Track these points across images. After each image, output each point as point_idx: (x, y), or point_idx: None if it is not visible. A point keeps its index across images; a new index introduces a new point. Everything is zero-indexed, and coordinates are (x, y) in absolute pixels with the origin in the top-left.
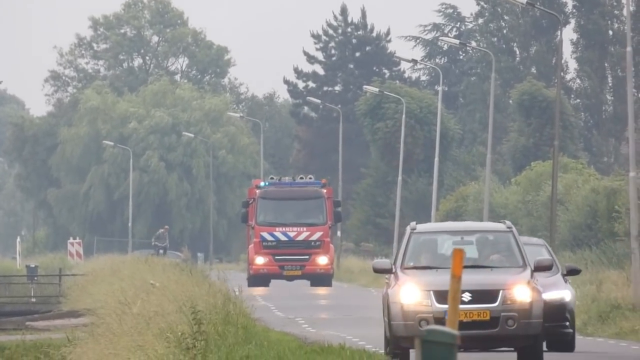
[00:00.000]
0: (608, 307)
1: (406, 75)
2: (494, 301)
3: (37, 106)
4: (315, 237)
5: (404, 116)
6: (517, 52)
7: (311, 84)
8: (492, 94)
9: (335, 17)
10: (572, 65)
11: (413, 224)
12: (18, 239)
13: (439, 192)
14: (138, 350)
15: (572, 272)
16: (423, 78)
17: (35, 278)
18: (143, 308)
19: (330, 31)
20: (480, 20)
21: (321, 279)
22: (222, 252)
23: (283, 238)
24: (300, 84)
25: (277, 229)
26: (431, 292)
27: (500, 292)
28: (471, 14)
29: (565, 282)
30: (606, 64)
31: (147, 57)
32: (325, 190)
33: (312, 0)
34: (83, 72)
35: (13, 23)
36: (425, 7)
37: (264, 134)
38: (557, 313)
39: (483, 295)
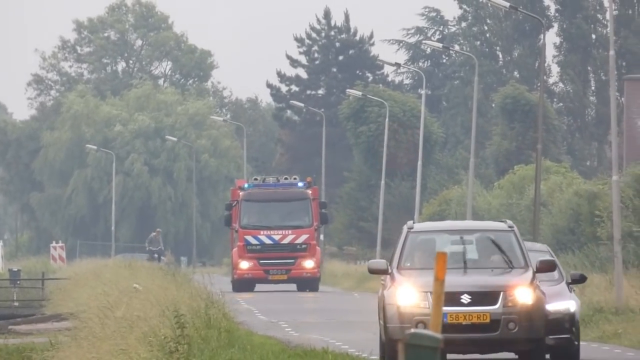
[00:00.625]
0: (591, 310)
1: (389, 78)
2: (495, 303)
3: (19, 110)
4: (300, 240)
5: (387, 120)
6: (500, 56)
7: (294, 88)
8: (475, 98)
9: (318, 21)
10: (555, 69)
11: (410, 222)
12: (0, 243)
13: (422, 195)
14: (121, 354)
15: (577, 280)
16: (406, 82)
17: (18, 282)
18: (126, 312)
19: (314, 35)
20: (463, 24)
21: (308, 283)
22: (205, 255)
23: (268, 241)
24: (284, 88)
25: (261, 232)
26: (429, 294)
27: (501, 293)
28: (454, 18)
29: (570, 291)
30: (589, 68)
31: (131, 61)
32: (310, 191)
33: (295, 3)
34: (66, 75)
35: None
36: (408, 11)
37: (247, 137)
38: (562, 324)
39: (483, 297)
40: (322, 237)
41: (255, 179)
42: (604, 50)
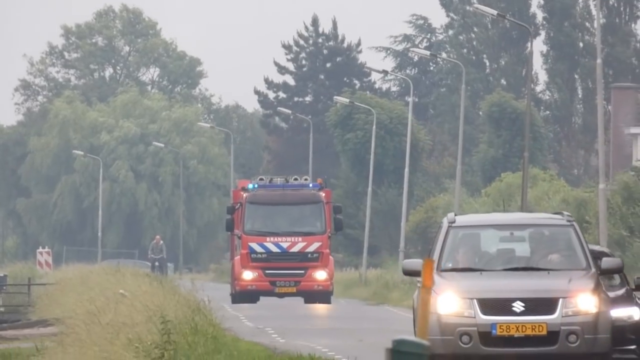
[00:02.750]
0: None
1: (377, 86)
2: (553, 312)
3: (6, 115)
4: (312, 248)
5: (374, 127)
6: (487, 64)
7: (282, 95)
8: (462, 105)
9: (306, 28)
10: (542, 77)
11: (451, 215)
12: None
13: (409, 203)
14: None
15: None
16: (393, 89)
17: (4, 287)
18: (112, 318)
19: (301, 42)
20: (451, 32)
21: (319, 296)
22: (192, 262)
23: (275, 249)
24: (271, 95)
25: (267, 238)
26: (475, 301)
27: (560, 300)
28: (441, 26)
29: (633, 298)
30: (576, 76)
31: (118, 67)
32: (323, 194)
33: (283, 11)
34: (54, 81)
35: None
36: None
37: (235, 144)
38: (624, 334)
39: (539, 305)
40: None
41: (261, 179)
42: (591, 58)
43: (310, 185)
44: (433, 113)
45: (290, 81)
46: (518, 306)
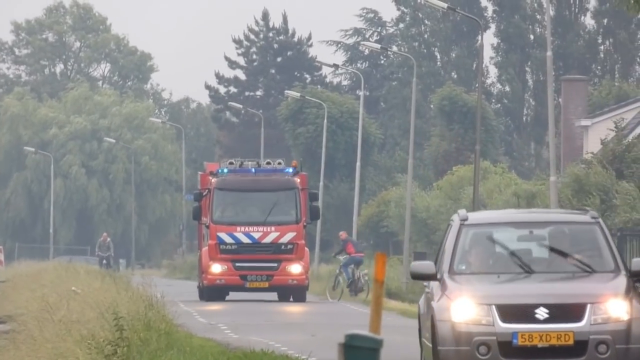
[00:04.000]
0: None
1: (327, 80)
2: (580, 319)
3: None
4: (286, 239)
5: (325, 121)
6: (438, 57)
7: (233, 89)
8: (414, 99)
9: (256, 22)
10: (493, 69)
11: (463, 212)
12: None
13: (361, 197)
14: (59, 357)
15: None
16: (344, 83)
17: None
18: (65, 315)
19: (252, 36)
20: (401, 25)
21: (293, 291)
22: (144, 257)
23: (245, 240)
24: (222, 89)
25: (237, 228)
26: (493, 307)
27: (588, 306)
28: (392, 19)
29: None
30: (527, 68)
31: (69, 63)
32: (298, 179)
33: (234, 5)
34: (4, 77)
35: None
36: (346, 12)
37: (186, 139)
38: None
39: (565, 312)
40: None
41: (231, 163)
42: (541, 50)
43: (285, 169)
44: (384, 107)
45: (241, 76)
46: (542, 313)
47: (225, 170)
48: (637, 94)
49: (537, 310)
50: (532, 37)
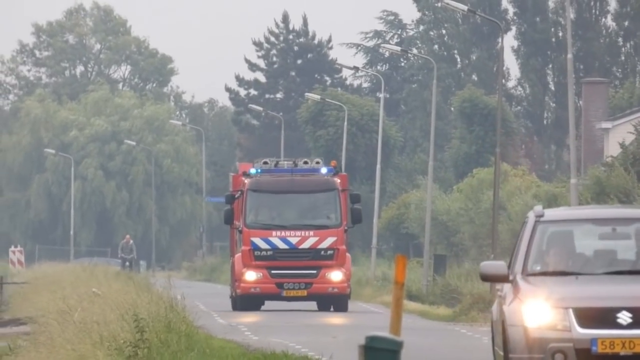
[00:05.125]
0: None
1: (348, 82)
2: None
3: None
4: (326, 244)
5: (345, 123)
6: (458, 59)
7: (253, 92)
8: (434, 101)
9: (277, 25)
10: (514, 72)
11: (539, 208)
12: None
13: (381, 199)
14: (79, 358)
15: None
16: (364, 85)
17: None
18: (85, 316)
19: (272, 39)
20: (421, 27)
21: (334, 301)
22: (164, 259)
23: (282, 245)
24: (242, 92)
25: (273, 233)
26: (570, 311)
27: None
28: (412, 21)
29: None
30: (548, 71)
31: (89, 65)
32: (338, 179)
33: (254, 8)
34: (25, 79)
35: None
36: (366, 14)
37: (207, 141)
38: None
39: None
40: None
41: (265, 162)
42: (562, 53)
43: (323, 169)
44: (404, 109)
45: (262, 78)
46: (624, 317)
47: (260, 171)
48: None
49: (619, 315)
50: (553, 39)
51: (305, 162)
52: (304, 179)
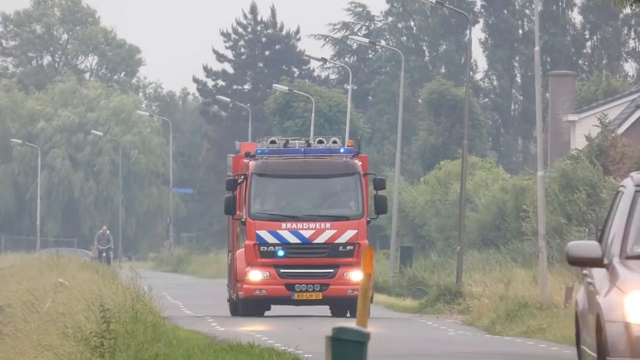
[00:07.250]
0: (516, 305)
1: (315, 74)
2: None
3: None
4: (344, 238)
5: (313, 115)
6: (427, 51)
7: (221, 83)
8: (402, 93)
9: (245, 16)
10: (481, 64)
11: (637, 175)
12: None
13: None
14: (45, 349)
15: None
16: (332, 77)
17: None
18: (51, 307)
19: (240, 30)
20: (390, 19)
21: (352, 305)
22: (131, 250)
23: (293, 240)
24: (210, 83)
25: (283, 225)
26: None
27: None
28: (381, 13)
29: None
30: (515, 63)
31: (57, 55)
32: (359, 162)
33: None
34: None
35: None
36: (334, 6)
37: (177, 133)
38: None
39: None
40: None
41: (273, 142)
42: (529, 45)
43: (341, 149)
44: (372, 101)
45: (229, 69)
46: None
47: (266, 151)
48: (625, 89)
49: None
50: (520, 31)
51: (320, 142)
52: (319, 160)
